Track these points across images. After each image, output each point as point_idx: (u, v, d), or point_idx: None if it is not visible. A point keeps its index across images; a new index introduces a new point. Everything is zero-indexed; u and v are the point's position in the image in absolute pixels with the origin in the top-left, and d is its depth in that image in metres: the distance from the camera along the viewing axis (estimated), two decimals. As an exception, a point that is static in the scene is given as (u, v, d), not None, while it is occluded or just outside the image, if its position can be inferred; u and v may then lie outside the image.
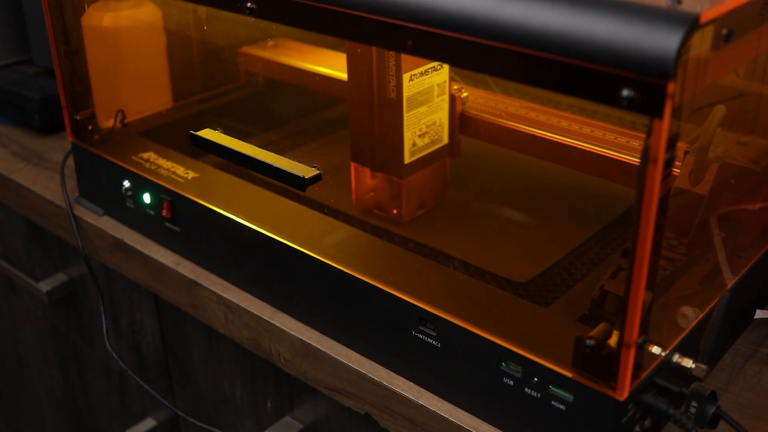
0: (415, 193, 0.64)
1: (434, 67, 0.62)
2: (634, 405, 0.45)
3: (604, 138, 0.62)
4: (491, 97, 0.69)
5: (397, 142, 0.61)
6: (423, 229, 0.63)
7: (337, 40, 0.75)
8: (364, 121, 0.62)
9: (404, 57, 0.59)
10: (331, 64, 0.74)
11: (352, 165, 0.65)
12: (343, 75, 0.64)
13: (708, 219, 0.53)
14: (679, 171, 0.50)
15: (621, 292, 0.45)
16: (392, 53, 0.59)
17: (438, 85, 0.63)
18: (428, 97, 0.62)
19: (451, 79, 0.65)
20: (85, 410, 0.97)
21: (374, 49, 0.60)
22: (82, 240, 0.76)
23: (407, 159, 0.62)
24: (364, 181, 0.65)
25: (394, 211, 0.64)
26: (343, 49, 0.69)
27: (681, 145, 0.54)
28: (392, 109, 0.61)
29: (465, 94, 0.67)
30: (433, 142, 0.64)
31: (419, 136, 0.62)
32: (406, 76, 0.60)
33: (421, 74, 0.61)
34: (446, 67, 0.63)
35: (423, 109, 0.62)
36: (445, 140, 0.65)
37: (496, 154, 0.69)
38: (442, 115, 0.64)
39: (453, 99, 0.65)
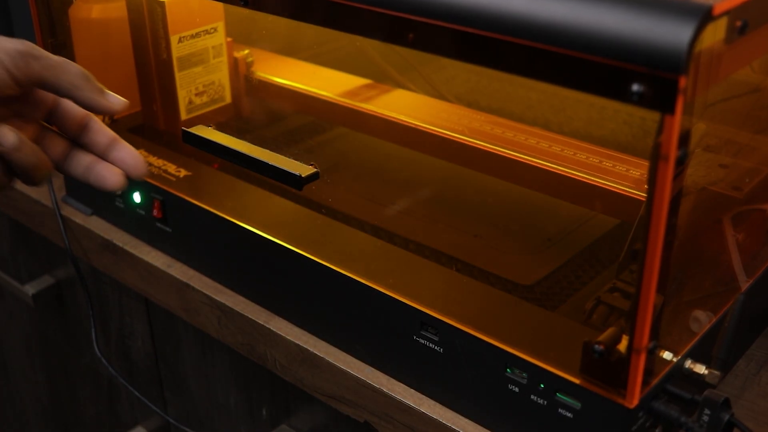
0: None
1: (207, 30, 0.69)
2: (644, 413, 0.45)
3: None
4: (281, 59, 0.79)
5: (173, 100, 0.69)
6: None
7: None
8: (147, 81, 0.70)
9: (171, 19, 0.66)
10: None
11: (145, 125, 0.72)
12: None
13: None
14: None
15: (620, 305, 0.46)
16: (161, 15, 0.65)
17: (213, 47, 0.70)
18: (203, 58, 0.69)
19: (234, 43, 0.72)
20: (72, 418, 0.97)
21: (146, 10, 0.66)
22: (70, 241, 0.75)
23: (184, 116, 0.69)
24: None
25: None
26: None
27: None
28: (166, 69, 0.68)
29: (250, 59, 0.74)
30: (213, 101, 0.71)
31: (196, 94, 0.69)
32: (174, 38, 0.67)
33: (192, 36, 0.68)
34: (221, 30, 0.70)
35: (198, 69, 0.69)
36: (228, 100, 0.72)
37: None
38: (222, 76, 0.71)
39: (236, 61, 0.73)
